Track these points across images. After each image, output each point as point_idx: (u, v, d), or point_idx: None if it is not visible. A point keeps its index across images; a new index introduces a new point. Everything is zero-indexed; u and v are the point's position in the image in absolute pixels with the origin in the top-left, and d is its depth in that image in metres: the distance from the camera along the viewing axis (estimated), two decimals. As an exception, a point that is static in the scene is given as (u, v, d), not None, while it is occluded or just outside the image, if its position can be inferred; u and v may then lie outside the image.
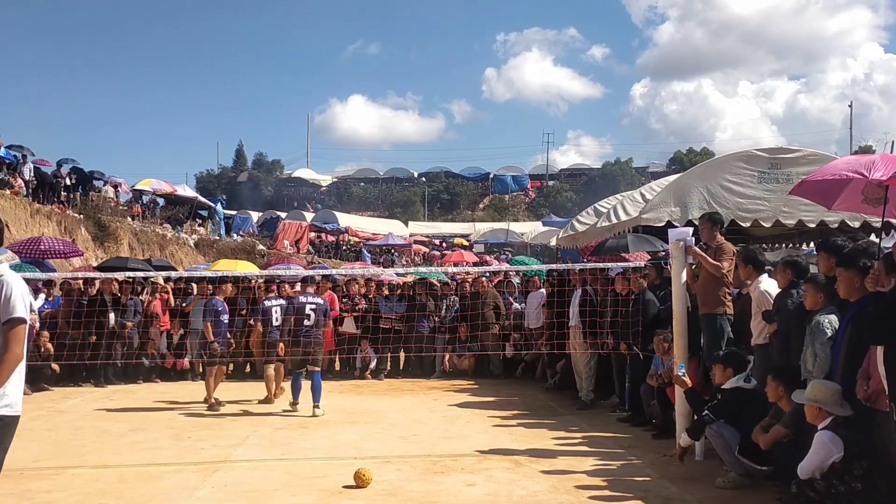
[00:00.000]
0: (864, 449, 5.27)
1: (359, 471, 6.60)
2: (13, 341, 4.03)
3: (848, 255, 5.75)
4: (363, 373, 13.93)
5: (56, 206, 23.43)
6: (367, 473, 6.58)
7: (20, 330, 4.06)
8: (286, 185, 77.35)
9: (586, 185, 70.31)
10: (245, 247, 32.41)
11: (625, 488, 6.58)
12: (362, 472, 6.57)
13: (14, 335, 4.03)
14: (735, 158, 11.49)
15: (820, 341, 5.85)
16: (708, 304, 7.74)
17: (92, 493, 6.51)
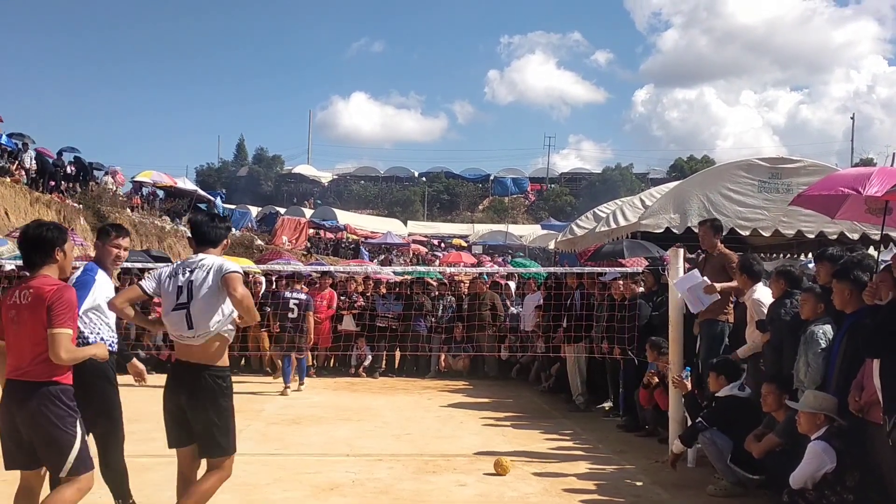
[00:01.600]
0: (857, 460, 5.28)
1: (500, 459, 7.01)
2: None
3: (842, 267, 5.76)
4: (358, 370, 13.94)
5: (56, 195, 23.42)
6: (506, 464, 6.96)
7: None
8: (286, 180, 77.32)
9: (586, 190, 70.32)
10: (243, 241, 32.39)
11: (616, 493, 6.59)
12: (503, 461, 6.98)
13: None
14: (735, 167, 11.49)
15: (813, 351, 5.87)
16: (710, 310, 7.72)
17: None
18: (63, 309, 4.28)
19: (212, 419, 4.70)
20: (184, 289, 4.66)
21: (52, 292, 4.30)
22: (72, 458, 4.35)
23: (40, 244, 4.47)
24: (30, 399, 4.29)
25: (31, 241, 4.50)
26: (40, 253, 4.47)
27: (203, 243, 4.85)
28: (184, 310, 4.65)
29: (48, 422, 4.30)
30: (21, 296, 4.36)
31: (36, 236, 4.48)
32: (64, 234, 4.58)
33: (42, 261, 4.47)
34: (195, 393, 4.66)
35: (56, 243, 4.48)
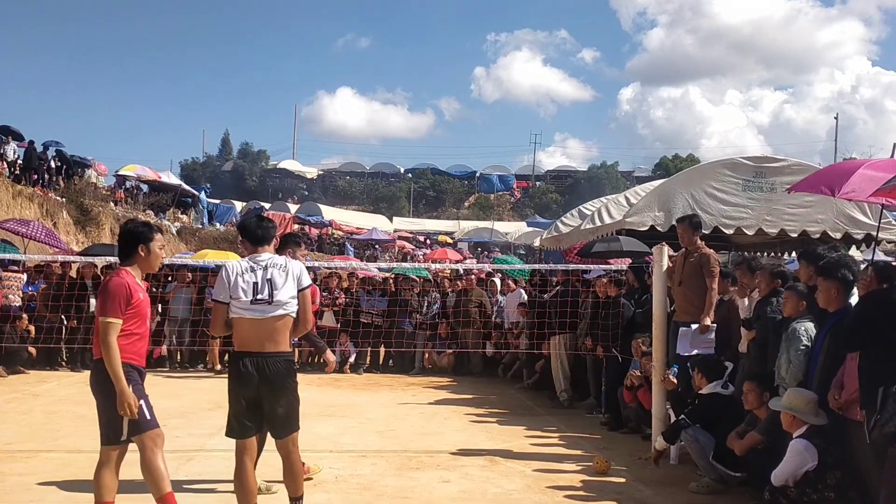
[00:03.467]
0: (838, 459, 5.31)
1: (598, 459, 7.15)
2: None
3: (827, 265, 5.79)
4: (342, 367, 13.91)
5: (38, 188, 23.23)
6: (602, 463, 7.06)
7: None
8: (271, 175, 77.01)
9: (572, 188, 70.43)
10: (227, 236, 32.23)
11: (599, 490, 6.61)
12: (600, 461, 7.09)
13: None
14: (720, 165, 11.54)
15: (795, 348, 5.91)
16: (690, 313, 7.71)
17: (65, 476, 6.48)
18: (104, 297, 4.68)
19: (291, 400, 5.10)
20: (263, 286, 4.95)
21: (103, 282, 4.81)
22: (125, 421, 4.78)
23: (122, 239, 4.90)
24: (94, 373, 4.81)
25: (118, 237, 4.98)
26: (121, 248, 4.89)
27: (260, 242, 5.14)
28: (264, 304, 4.94)
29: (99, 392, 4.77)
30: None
31: (121, 232, 4.96)
32: (149, 231, 4.91)
33: (123, 255, 4.87)
34: (273, 379, 4.94)
35: (140, 240, 4.83)
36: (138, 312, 4.73)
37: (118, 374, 4.60)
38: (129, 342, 4.70)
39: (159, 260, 4.97)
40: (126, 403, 4.62)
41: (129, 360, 4.70)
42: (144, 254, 4.82)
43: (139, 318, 4.76)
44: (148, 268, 4.96)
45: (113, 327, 4.60)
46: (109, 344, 4.58)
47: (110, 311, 4.62)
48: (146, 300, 4.82)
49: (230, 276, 4.94)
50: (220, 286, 4.99)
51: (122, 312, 4.64)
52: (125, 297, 4.64)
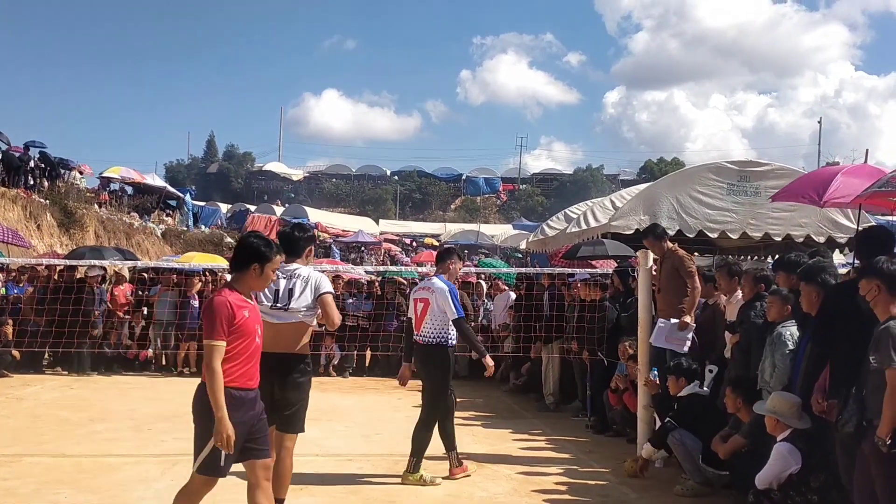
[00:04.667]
0: (822, 462, 5.36)
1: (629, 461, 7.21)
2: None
3: (809, 270, 5.87)
4: (327, 369, 13.89)
5: (22, 190, 23.07)
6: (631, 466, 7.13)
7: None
8: (256, 177, 76.75)
9: (557, 191, 70.61)
10: (213, 239, 32.14)
11: (584, 492, 6.64)
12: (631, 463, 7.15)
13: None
14: (705, 170, 11.60)
15: (780, 352, 5.96)
16: (673, 315, 7.75)
17: (49, 482, 6.44)
18: (207, 318, 4.45)
19: (300, 396, 5.41)
20: (284, 294, 5.39)
21: (206, 301, 4.70)
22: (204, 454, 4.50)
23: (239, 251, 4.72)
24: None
25: (237, 245, 4.85)
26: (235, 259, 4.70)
27: (291, 253, 5.43)
28: (281, 311, 5.36)
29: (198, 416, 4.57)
30: None
31: (241, 243, 4.78)
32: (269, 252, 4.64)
33: (234, 267, 4.68)
34: (285, 373, 5.29)
35: (257, 258, 4.59)
36: (243, 332, 4.46)
37: (219, 401, 4.33)
38: (236, 364, 4.45)
39: (268, 282, 4.80)
40: (224, 435, 4.33)
41: (237, 385, 4.45)
42: (256, 273, 4.58)
43: (244, 338, 4.48)
44: (255, 287, 4.73)
45: (217, 350, 4.35)
46: (213, 368, 4.33)
47: (213, 333, 4.37)
48: (252, 318, 4.54)
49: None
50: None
51: (226, 333, 4.39)
52: (227, 317, 4.39)
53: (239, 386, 4.45)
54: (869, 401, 4.44)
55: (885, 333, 4.33)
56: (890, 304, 4.44)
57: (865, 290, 4.52)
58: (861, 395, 4.55)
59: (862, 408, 4.52)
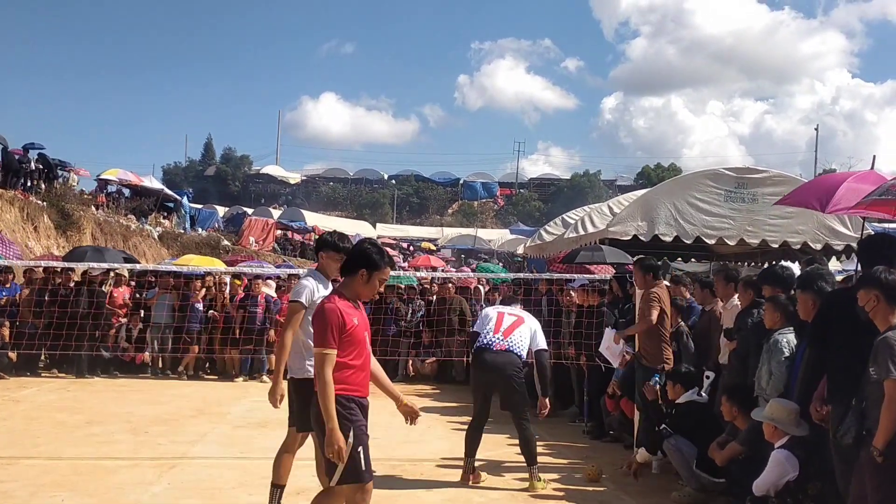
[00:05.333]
0: (819, 469, 5.36)
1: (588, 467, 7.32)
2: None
3: (806, 278, 5.89)
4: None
5: (19, 191, 23.02)
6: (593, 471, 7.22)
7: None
8: (254, 180, 76.74)
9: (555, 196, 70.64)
10: (210, 241, 32.07)
11: (582, 499, 6.64)
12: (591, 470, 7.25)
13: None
14: (703, 176, 11.62)
15: (777, 360, 5.97)
16: (647, 358, 7.73)
17: (45, 484, 6.43)
18: (318, 326, 4.42)
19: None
20: None
21: (317, 309, 4.54)
22: (341, 465, 4.36)
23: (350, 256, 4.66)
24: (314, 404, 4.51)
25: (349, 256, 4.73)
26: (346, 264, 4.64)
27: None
28: None
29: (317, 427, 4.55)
30: None
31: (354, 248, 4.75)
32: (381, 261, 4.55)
33: (344, 272, 4.63)
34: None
35: (367, 265, 4.51)
36: (353, 340, 4.41)
37: (330, 411, 4.28)
38: (348, 373, 4.39)
39: (374, 291, 4.71)
40: (336, 446, 4.27)
41: (350, 393, 4.42)
42: (363, 280, 4.49)
43: (357, 346, 4.43)
44: (363, 295, 4.62)
45: (328, 359, 4.30)
46: (325, 377, 4.28)
47: (324, 341, 4.31)
48: (361, 325, 4.49)
49: (315, 287, 5.40)
50: (306, 291, 5.39)
51: (337, 342, 4.33)
52: (338, 325, 4.33)
53: (362, 395, 4.47)
54: (869, 411, 4.45)
55: (883, 345, 4.33)
56: (889, 314, 4.44)
57: (864, 301, 4.52)
58: (861, 407, 4.55)
59: (861, 419, 4.52)
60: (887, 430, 4.21)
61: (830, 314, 5.20)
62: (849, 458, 4.71)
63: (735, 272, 8.01)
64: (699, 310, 8.51)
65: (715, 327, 7.82)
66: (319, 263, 5.70)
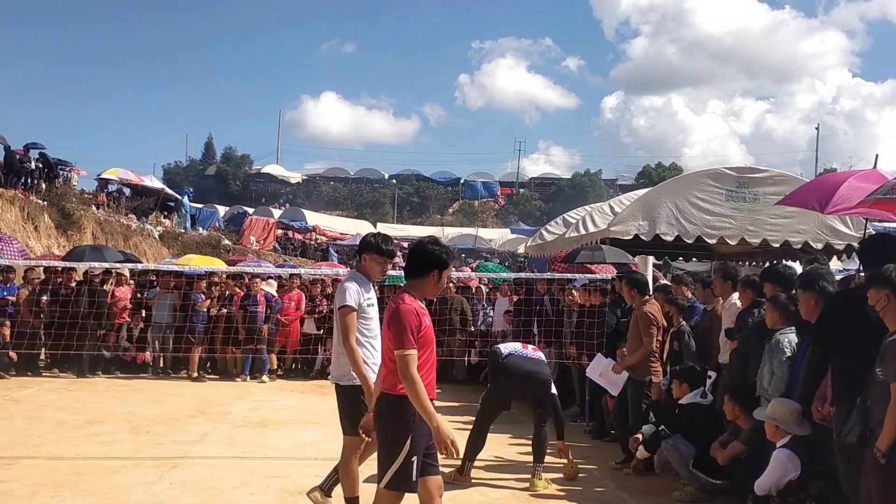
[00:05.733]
0: (821, 469, 5.36)
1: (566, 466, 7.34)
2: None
3: (808, 278, 5.88)
4: (325, 373, 13.86)
5: (19, 191, 23.03)
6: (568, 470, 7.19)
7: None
8: (254, 180, 76.72)
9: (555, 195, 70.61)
10: (210, 241, 32.08)
11: (583, 498, 6.64)
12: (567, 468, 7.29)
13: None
14: (704, 175, 11.61)
15: (778, 360, 5.96)
16: (636, 371, 7.90)
17: (47, 484, 6.43)
18: (397, 327, 4.32)
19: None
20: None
21: (393, 308, 4.39)
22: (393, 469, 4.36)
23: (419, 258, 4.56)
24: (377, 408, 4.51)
25: (414, 251, 4.62)
26: (415, 266, 4.55)
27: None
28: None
29: (383, 430, 4.45)
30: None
31: (421, 250, 4.57)
32: (448, 259, 4.54)
33: (414, 274, 4.55)
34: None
35: (438, 265, 4.49)
36: (427, 341, 4.41)
37: (429, 409, 4.23)
38: (423, 374, 4.33)
39: (441, 290, 4.75)
40: (448, 440, 4.21)
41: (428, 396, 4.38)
42: (435, 280, 4.50)
43: (427, 347, 4.42)
44: (430, 294, 4.64)
45: (412, 359, 4.25)
46: (413, 377, 4.23)
47: (406, 342, 4.27)
48: (431, 326, 4.50)
49: (358, 289, 5.42)
50: (352, 293, 5.37)
51: (416, 342, 4.31)
52: (416, 326, 4.32)
53: (429, 397, 4.36)
54: (873, 411, 4.44)
55: (892, 346, 4.31)
56: None
57: (875, 300, 4.50)
58: (865, 406, 4.54)
59: (865, 418, 4.51)
60: (891, 431, 4.20)
61: (837, 315, 5.18)
62: (852, 458, 4.70)
63: (733, 270, 8.01)
64: (701, 309, 8.51)
65: (717, 327, 7.82)
66: (362, 265, 5.59)
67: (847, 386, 4.84)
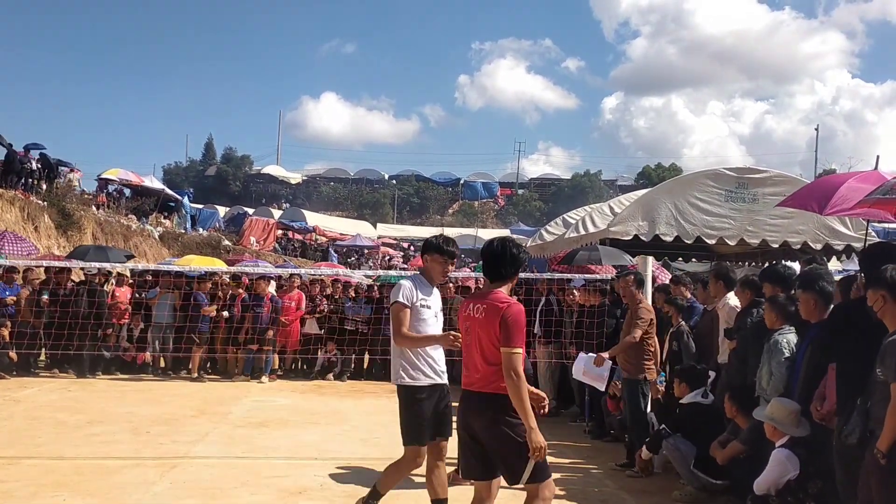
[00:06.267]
0: (820, 468, 5.37)
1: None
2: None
3: (807, 278, 5.88)
4: (326, 374, 13.88)
5: (19, 191, 23.03)
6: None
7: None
8: (255, 180, 76.75)
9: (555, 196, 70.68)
10: (211, 241, 32.10)
11: (583, 498, 6.65)
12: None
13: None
14: (703, 176, 11.61)
15: (777, 360, 5.97)
16: (628, 370, 7.83)
17: (47, 484, 6.44)
18: (512, 327, 4.35)
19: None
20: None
21: (506, 308, 4.38)
22: (530, 465, 4.35)
23: (509, 261, 4.54)
24: (486, 410, 4.43)
25: (497, 256, 4.57)
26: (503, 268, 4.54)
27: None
28: None
29: (503, 432, 4.38)
30: (474, 309, 4.51)
31: (508, 252, 4.55)
32: (527, 259, 4.66)
33: (502, 276, 4.55)
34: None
35: (518, 268, 4.57)
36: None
37: (528, 409, 4.28)
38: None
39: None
40: (540, 444, 4.27)
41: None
42: (515, 282, 4.65)
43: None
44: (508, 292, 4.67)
45: (520, 358, 4.35)
46: (521, 375, 4.30)
47: (518, 341, 4.34)
48: None
49: (412, 288, 5.42)
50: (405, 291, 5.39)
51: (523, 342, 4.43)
52: (525, 326, 4.46)
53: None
54: (873, 412, 4.43)
55: (892, 346, 4.29)
56: None
57: (872, 301, 4.50)
58: (865, 407, 4.53)
59: (866, 419, 4.51)
60: (892, 432, 4.20)
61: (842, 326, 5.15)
62: (851, 465, 4.68)
63: (726, 270, 7.98)
64: (700, 309, 8.53)
65: (716, 327, 7.83)
66: (424, 267, 5.58)
67: (850, 391, 4.83)
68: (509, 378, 4.29)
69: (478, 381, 4.48)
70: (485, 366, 4.44)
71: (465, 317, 4.59)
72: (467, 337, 4.58)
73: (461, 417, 4.60)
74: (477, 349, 4.48)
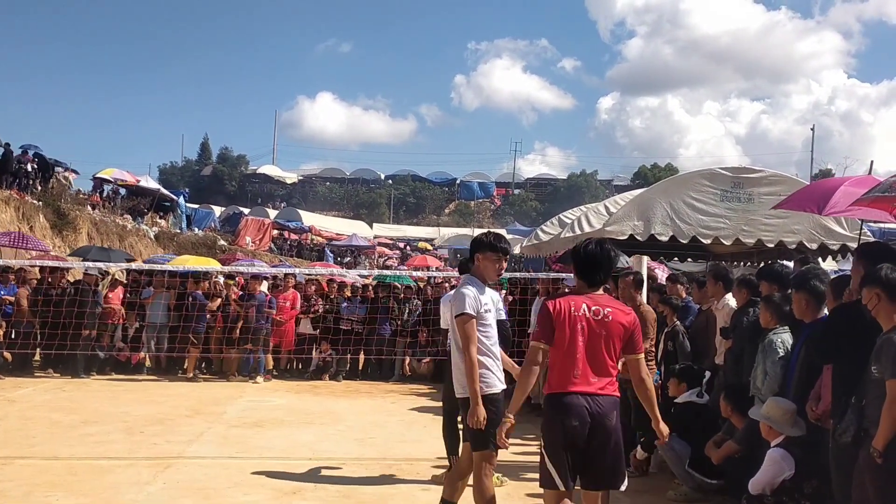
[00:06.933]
0: (815, 468, 5.37)
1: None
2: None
3: (800, 278, 5.88)
4: (320, 374, 13.86)
5: (14, 191, 22.97)
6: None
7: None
8: (250, 180, 76.77)
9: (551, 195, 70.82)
10: (206, 241, 32.07)
11: (578, 498, 6.62)
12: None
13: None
14: (699, 176, 11.59)
15: (771, 360, 5.96)
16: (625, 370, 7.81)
17: (41, 484, 6.41)
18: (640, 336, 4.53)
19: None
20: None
21: (633, 318, 4.48)
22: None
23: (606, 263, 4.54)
24: (615, 413, 4.43)
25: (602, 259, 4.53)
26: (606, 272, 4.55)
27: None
28: None
29: (619, 435, 4.45)
30: (592, 312, 4.41)
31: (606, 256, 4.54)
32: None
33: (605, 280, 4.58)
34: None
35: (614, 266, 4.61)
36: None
37: (657, 410, 4.58)
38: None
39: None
40: (663, 432, 4.60)
41: None
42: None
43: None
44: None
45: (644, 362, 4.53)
46: (646, 380, 4.54)
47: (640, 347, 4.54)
48: None
49: (475, 295, 5.12)
50: (470, 301, 5.08)
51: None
52: None
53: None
54: (868, 410, 4.42)
55: (887, 343, 4.30)
56: (892, 312, 4.39)
57: (867, 300, 4.50)
58: (860, 405, 4.52)
59: (860, 417, 4.50)
60: (888, 430, 4.18)
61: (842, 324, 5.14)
62: (846, 467, 4.67)
63: (725, 270, 8.01)
64: (695, 309, 8.52)
65: (712, 326, 7.83)
66: (476, 267, 5.29)
67: (846, 392, 4.81)
68: (644, 383, 4.53)
69: (608, 386, 4.44)
70: (614, 370, 4.49)
71: (579, 317, 4.40)
72: (580, 338, 4.38)
73: (577, 427, 4.42)
74: (605, 353, 4.43)
